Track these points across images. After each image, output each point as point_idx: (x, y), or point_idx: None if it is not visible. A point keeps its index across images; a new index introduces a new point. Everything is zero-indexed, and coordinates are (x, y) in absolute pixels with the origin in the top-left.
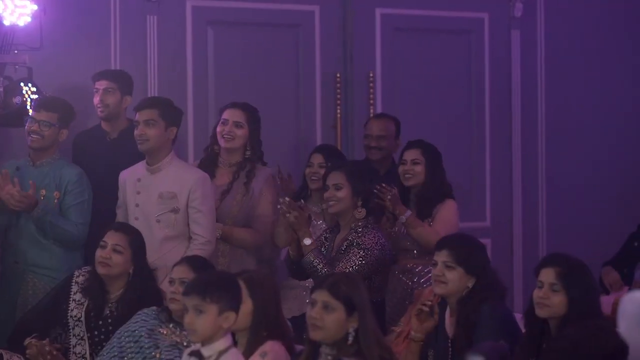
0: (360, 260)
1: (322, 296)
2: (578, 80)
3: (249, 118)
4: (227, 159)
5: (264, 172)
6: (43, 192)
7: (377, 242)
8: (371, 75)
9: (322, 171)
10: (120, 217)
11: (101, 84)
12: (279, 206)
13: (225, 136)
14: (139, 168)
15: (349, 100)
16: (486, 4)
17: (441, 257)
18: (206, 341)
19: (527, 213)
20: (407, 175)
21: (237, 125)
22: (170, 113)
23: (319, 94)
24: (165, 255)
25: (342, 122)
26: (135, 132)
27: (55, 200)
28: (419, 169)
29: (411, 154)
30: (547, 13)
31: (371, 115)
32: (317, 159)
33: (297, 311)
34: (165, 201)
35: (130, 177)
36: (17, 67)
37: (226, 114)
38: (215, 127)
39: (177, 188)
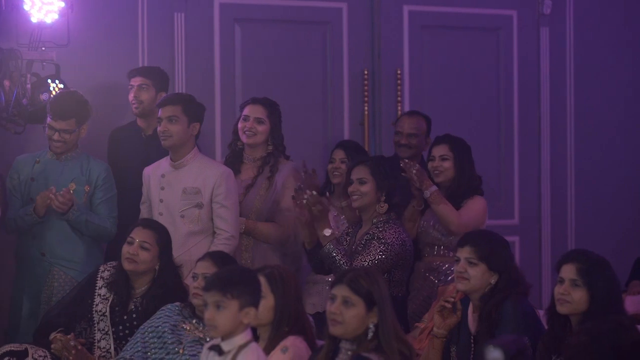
0: (381, 255)
1: (342, 291)
2: (607, 78)
3: (269, 113)
4: (250, 154)
5: (287, 166)
6: (72, 185)
7: (398, 237)
8: (399, 72)
9: (344, 166)
10: (144, 213)
11: (136, 81)
12: (304, 199)
13: (246, 132)
14: (163, 164)
15: (377, 97)
16: (515, 1)
17: (464, 253)
18: (226, 336)
19: (555, 211)
20: (436, 172)
21: (258, 121)
22: (193, 109)
23: (347, 91)
24: (189, 250)
25: (369, 119)
26: (159, 128)
27: (85, 194)
28: (448, 164)
29: (439, 150)
30: (576, 10)
31: (399, 112)
32: (339, 154)
33: (320, 307)
34: (189, 196)
35: (154, 173)
36: (44, 64)
37: (247, 110)
38: (236, 124)
39: (201, 183)
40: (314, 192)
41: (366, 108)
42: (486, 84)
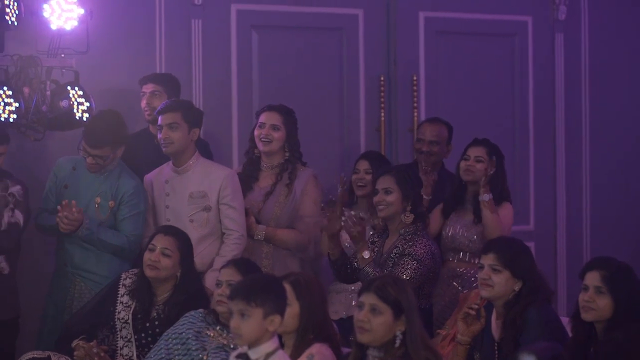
0: (414, 272)
1: (370, 299)
2: (622, 83)
3: (285, 120)
4: (267, 161)
5: (306, 172)
6: (98, 200)
7: (428, 251)
8: (415, 78)
9: (368, 177)
10: (148, 220)
11: (148, 87)
12: (343, 220)
13: (263, 139)
14: (165, 170)
15: (393, 104)
16: (530, 7)
17: (488, 260)
18: (253, 344)
19: (571, 217)
20: (467, 171)
21: (274, 128)
22: (192, 115)
23: (363, 97)
24: (200, 253)
25: (386, 125)
26: (159, 135)
27: (109, 210)
28: (481, 166)
29: (476, 151)
30: (591, 16)
31: (415, 118)
32: (363, 165)
33: (342, 313)
34: (196, 200)
35: (157, 180)
36: (64, 70)
37: (263, 118)
38: (252, 131)
39: (207, 186)
40: (352, 213)
41: (382, 114)
42: (501, 90)
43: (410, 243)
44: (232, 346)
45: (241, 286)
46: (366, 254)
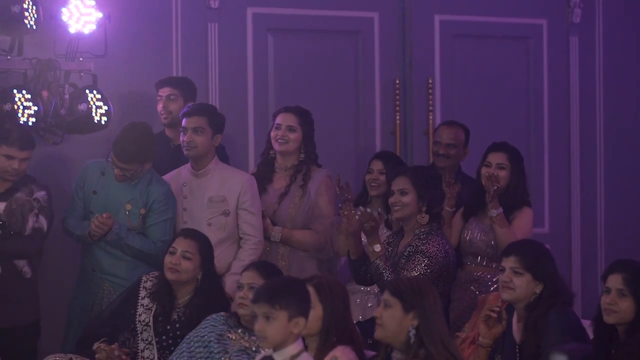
0: (425, 269)
1: (385, 295)
2: (637, 86)
3: (301, 121)
4: (282, 162)
5: (319, 173)
6: (129, 206)
7: (441, 249)
8: (430, 81)
9: (382, 178)
10: None
11: (164, 91)
12: (357, 216)
13: (279, 140)
14: (183, 172)
15: (409, 106)
16: (545, 11)
17: (509, 263)
18: (278, 347)
19: (585, 219)
20: (492, 179)
21: (291, 129)
22: (217, 121)
23: (379, 100)
24: (217, 256)
25: (401, 128)
26: (182, 138)
27: (140, 217)
28: (504, 174)
29: (497, 158)
30: (606, 19)
31: (430, 121)
32: (377, 165)
33: (359, 317)
34: (215, 204)
35: (175, 182)
36: (82, 74)
37: (279, 119)
38: (269, 132)
39: (226, 191)
40: (363, 208)
41: (398, 117)
42: (516, 93)
43: (423, 241)
44: (254, 349)
45: (265, 289)
46: (377, 247)
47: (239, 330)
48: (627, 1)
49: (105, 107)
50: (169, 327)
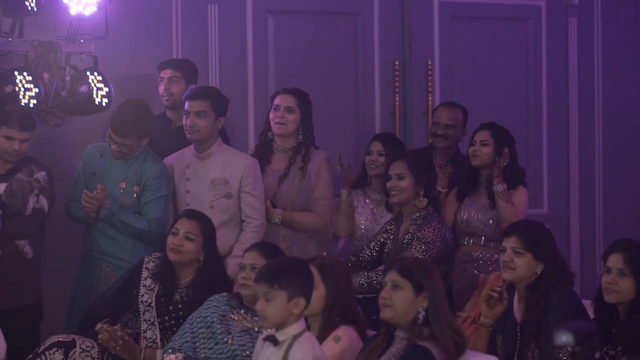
0: (424, 255)
1: (391, 276)
2: (635, 67)
3: (299, 102)
4: (281, 144)
5: (319, 155)
6: (123, 185)
7: (437, 234)
8: (429, 62)
9: (381, 159)
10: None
11: (166, 73)
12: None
13: (277, 122)
14: (186, 154)
15: (408, 88)
16: None
17: (510, 243)
18: (279, 326)
19: (584, 200)
20: (474, 156)
21: (289, 110)
22: (220, 104)
23: (378, 81)
24: (219, 239)
25: (400, 109)
26: (185, 121)
27: (135, 195)
28: (486, 150)
29: (481, 135)
30: (604, 0)
31: (429, 102)
32: (376, 146)
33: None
34: (218, 187)
35: (178, 164)
36: (83, 56)
37: (277, 100)
38: (267, 114)
39: (229, 174)
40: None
41: (397, 98)
42: (515, 74)
43: (420, 228)
44: (256, 329)
45: (266, 269)
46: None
47: (242, 311)
48: None
49: (106, 89)
50: (171, 307)
